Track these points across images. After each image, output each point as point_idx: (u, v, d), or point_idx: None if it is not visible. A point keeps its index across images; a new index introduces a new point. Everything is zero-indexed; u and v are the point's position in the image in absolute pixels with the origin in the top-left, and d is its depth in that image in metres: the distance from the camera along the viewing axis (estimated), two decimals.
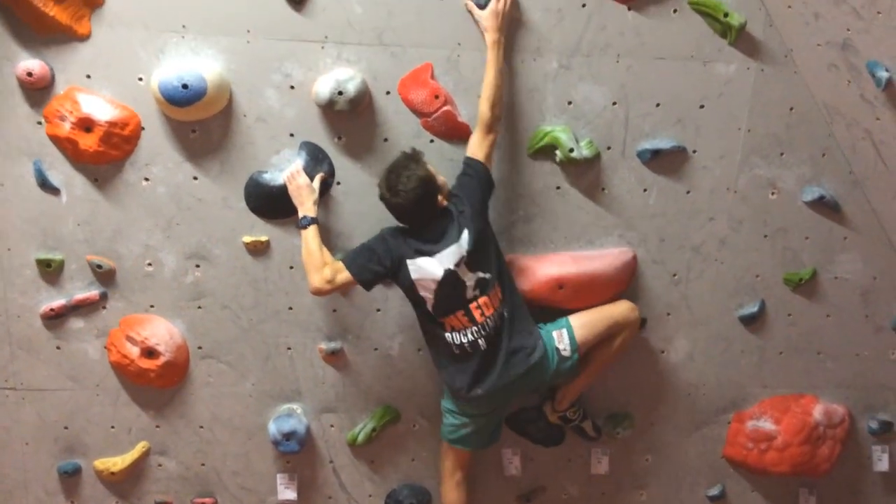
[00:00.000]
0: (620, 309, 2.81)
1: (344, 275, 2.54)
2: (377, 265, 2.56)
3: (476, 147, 2.60)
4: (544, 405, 2.99)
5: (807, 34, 2.67)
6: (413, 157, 2.53)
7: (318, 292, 2.58)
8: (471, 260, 2.55)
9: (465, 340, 2.58)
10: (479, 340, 2.58)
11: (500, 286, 2.61)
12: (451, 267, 2.54)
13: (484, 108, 2.57)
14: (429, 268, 2.54)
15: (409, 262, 2.55)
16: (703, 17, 2.74)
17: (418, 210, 2.53)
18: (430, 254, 2.54)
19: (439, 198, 2.57)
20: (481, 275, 2.57)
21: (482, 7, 2.61)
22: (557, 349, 2.67)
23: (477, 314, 2.57)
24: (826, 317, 3.08)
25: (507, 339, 2.60)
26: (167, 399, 2.94)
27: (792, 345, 3.10)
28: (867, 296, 3.07)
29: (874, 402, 3.20)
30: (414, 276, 2.55)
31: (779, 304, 3.05)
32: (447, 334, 2.60)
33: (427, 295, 2.57)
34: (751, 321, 3.05)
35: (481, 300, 2.57)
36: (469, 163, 2.61)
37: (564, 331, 2.71)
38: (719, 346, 3.08)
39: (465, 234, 2.54)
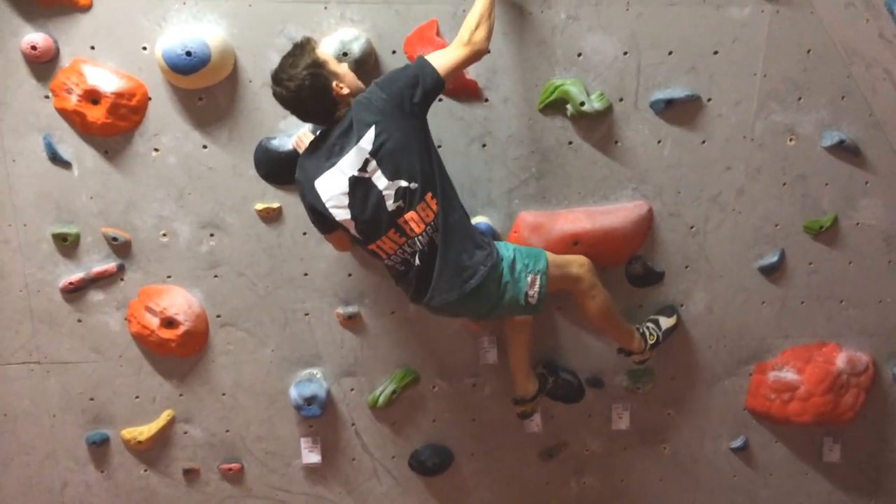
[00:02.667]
0: (573, 259, 2.64)
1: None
2: (309, 211, 2.45)
3: (442, 51, 2.36)
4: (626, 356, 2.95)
5: None
6: (299, 44, 2.30)
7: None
8: (386, 165, 2.26)
9: (401, 259, 2.40)
10: (413, 259, 2.38)
11: (434, 200, 2.32)
12: (355, 173, 2.27)
13: (463, 29, 2.33)
14: (335, 181, 2.30)
15: (316, 183, 2.34)
16: None
17: (306, 100, 2.27)
18: (332, 165, 2.30)
19: (335, 84, 2.29)
20: (403, 184, 2.27)
21: None
22: (527, 294, 2.46)
23: (407, 229, 2.32)
24: (848, 264, 3.03)
25: (441, 259, 2.35)
26: (189, 367, 2.98)
27: (813, 294, 3.06)
28: (890, 241, 3.01)
29: None
30: (325, 199, 2.34)
31: (799, 253, 3.00)
32: (385, 262, 2.44)
33: (345, 216, 2.34)
34: (771, 271, 3.01)
35: (409, 215, 2.30)
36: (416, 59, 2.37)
37: (539, 278, 2.47)
38: (739, 298, 3.05)
39: (370, 133, 2.24)
